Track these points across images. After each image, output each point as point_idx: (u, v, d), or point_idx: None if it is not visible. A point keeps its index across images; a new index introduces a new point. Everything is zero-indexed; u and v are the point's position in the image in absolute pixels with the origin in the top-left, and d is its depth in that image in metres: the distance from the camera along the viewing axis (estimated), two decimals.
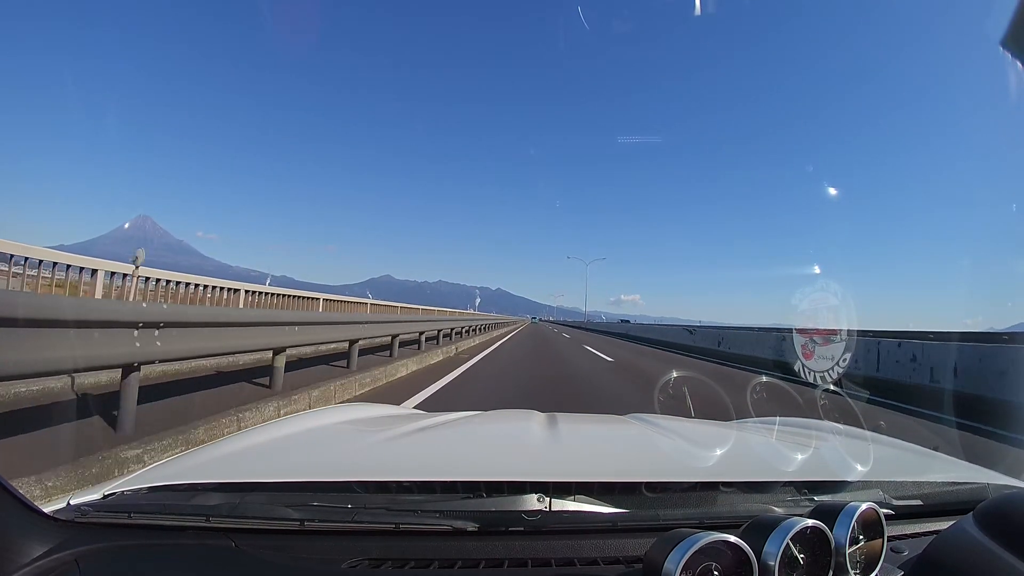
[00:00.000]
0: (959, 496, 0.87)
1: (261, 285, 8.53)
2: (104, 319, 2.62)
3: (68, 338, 2.36)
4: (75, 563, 0.60)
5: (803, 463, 0.90)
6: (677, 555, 0.52)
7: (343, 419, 1.22)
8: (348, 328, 6.11)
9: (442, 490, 0.74)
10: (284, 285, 12.73)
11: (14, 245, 4.48)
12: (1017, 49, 0.66)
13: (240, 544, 0.65)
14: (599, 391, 6.22)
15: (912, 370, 6.91)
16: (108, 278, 5.45)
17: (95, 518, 0.68)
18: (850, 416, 1.34)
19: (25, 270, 4.61)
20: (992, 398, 5.33)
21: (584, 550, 0.67)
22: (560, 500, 0.70)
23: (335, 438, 1.07)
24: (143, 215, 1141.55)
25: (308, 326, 5.07)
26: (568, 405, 4.82)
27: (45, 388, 3.56)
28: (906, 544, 0.74)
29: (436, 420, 1.20)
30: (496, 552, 0.66)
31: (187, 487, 0.74)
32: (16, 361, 2.12)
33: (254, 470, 0.83)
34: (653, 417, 1.32)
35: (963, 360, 6.08)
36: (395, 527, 0.67)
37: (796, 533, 0.57)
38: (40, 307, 2.29)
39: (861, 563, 0.63)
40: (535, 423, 1.17)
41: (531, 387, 6.26)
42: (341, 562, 0.63)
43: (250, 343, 4.08)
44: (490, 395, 5.58)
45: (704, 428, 1.30)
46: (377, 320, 7.55)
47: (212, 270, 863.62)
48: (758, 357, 10.71)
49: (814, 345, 2.32)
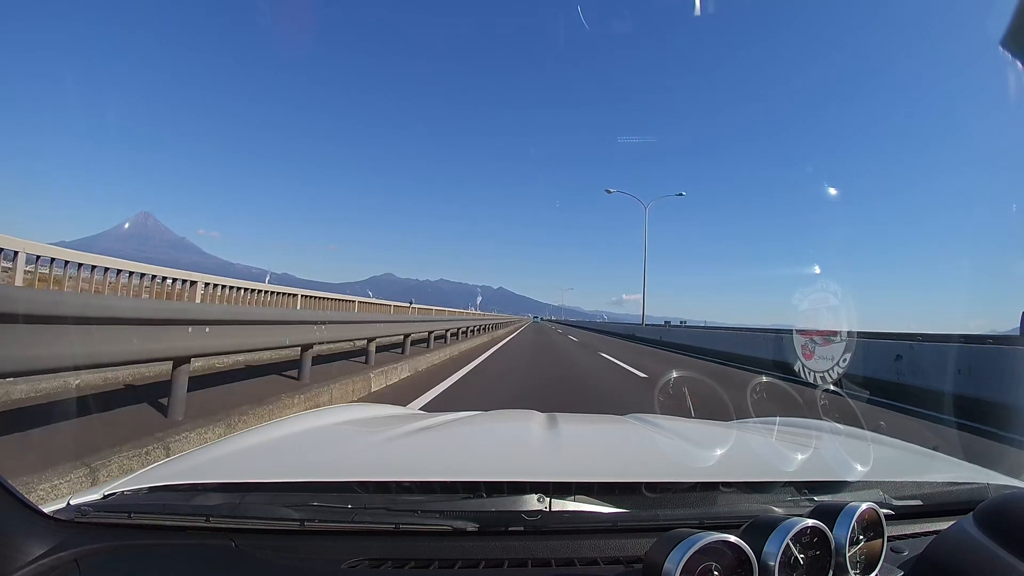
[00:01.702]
0: (959, 496, 0.87)
1: (297, 288, 9.37)
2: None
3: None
4: (75, 563, 0.60)
5: (803, 463, 0.90)
6: (677, 555, 0.52)
7: (343, 419, 1.22)
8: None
9: (442, 490, 0.74)
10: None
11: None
12: (1017, 49, 0.66)
13: (240, 544, 0.65)
14: None
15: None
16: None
17: (95, 518, 0.68)
18: (850, 416, 1.34)
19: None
20: (993, 400, 5.33)
21: (584, 550, 0.67)
22: (560, 500, 0.70)
23: (335, 438, 1.07)
24: (145, 212, 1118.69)
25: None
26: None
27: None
28: (906, 544, 0.74)
29: (436, 420, 1.20)
30: (496, 552, 0.66)
31: (187, 487, 0.74)
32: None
33: (254, 470, 0.83)
34: (653, 417, 1.32)
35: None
36: (395, 527, 0.67)
37: (796, 533, 0.57)
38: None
39: (861, 563, 0.63)
40: (535, 423, 1.17)
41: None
42: (341, 562, 0.63)
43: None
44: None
45: (704, 428, 1.30)
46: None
47: (213, 267, 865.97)
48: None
49: (830, 344, 2.29)
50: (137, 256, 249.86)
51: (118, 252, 28.22)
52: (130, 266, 5.56)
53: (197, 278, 6.65)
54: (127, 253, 37.64)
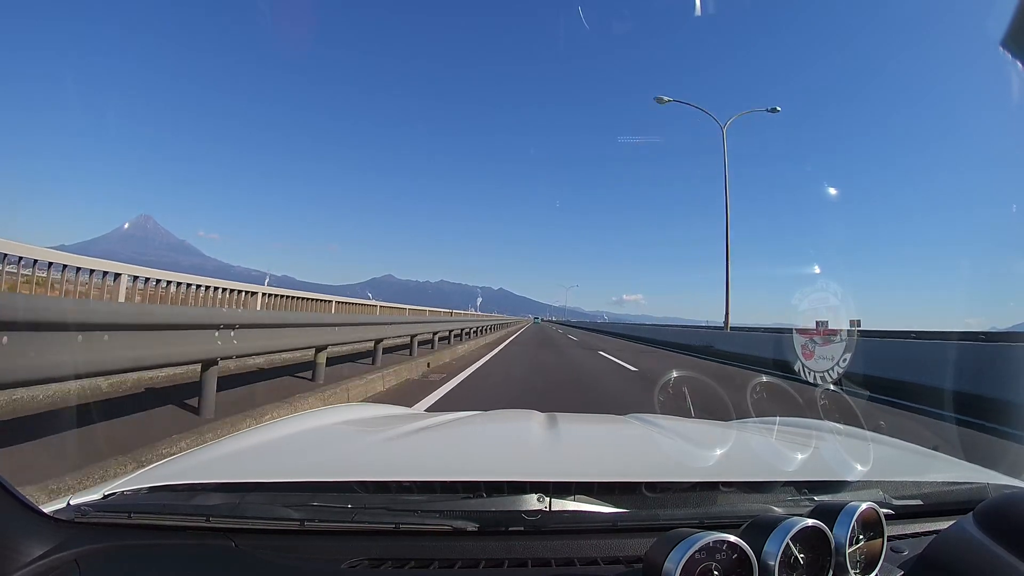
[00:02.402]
0: (959, 496, 0.87)
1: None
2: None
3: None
4: (75, 563, 0.60)
5: (803, 463, 0.90)
6: (677, 555, 0.52)
7: (343, 419, 1.22)
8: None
9: (442, 490, 0.74)
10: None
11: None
12: (1017, 49, 0.65)
13: (240, 544, 0.65)
14: None
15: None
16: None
17: (95, 518, 0.68)
18: (850, 416, 1.34)
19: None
20: (993, 397, 5.33)
21: (584, 550, 0.67)
22: (560, 500, 0.70)
23: (335, 438, 1.07)
24: (145, 214, 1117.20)
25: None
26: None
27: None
28: (906, 544, 0.74)
29: (436, 420, 1.20)
30: (496, 552, 0.66)
31: (187, 487, 0.74)
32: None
33: (254, 470, 0.83)
34: (653, 417, 1.32)
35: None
36: (395, 527, 0.67)
37: (796, 533, 0.57)
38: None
39: (861, 563, 0.63)
40: (535, 423, 1.17)
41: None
42: (341, 562, 0.63)
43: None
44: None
45: (704, 428, 1.30)
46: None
47: (213, 270, 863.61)
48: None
49: (830, 344, 2.28)
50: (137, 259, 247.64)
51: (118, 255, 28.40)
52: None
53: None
54: (127, 256, 37.80)
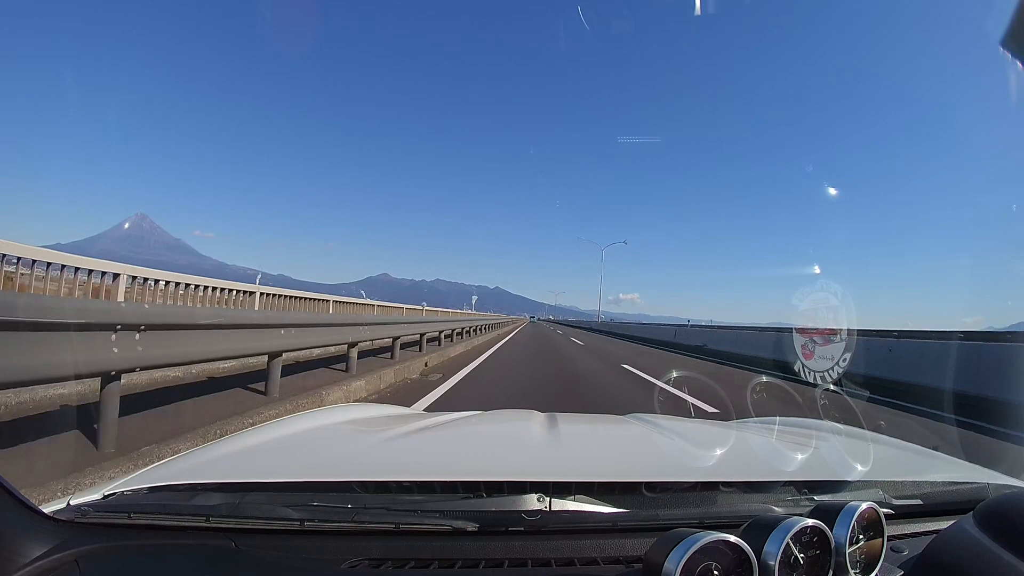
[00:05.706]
0: (959, 496, 0.87)
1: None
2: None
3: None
4: (75, 563, 0.60)
5: (803, 463, 0.90)
6: (677, 555, 0.52)
7: (343, 419, 1.22)
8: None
9: (442, 490, 0.73)
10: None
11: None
12: (1017, 49, 0.65)
13: (240, 544, 0.65)
14: None
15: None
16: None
17: (95, 518, 0.68)
18: (850, 415, 1.34)
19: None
20: (993, 397, 5.33)
21: (584, 550, 0.67)
22: (560, 500, 0.70)
23: (335, 438, 1.07)
24: (140, 214, 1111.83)
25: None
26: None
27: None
28: (906, 544, 0.74)
29: (436, 420, 1.19)
30: (496, 552, 0.66)
31: (187, 487, 0.74)
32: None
33: (254, 470, 0.83)
34: (653, 417, 1.32)
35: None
36: (395, 527, 0.67)
37: (796, 533, 0.57)
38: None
39: (861, 563, 0.63)
40: (535, 423, 1.17)
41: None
42: (341, 562, 0.63)
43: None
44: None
45: (704, 428, 1.30)
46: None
47: (209, 269, 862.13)
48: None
49: (830, 344, 2.26)
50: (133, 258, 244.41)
51: (114, 254, 28.25)
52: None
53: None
54: (123, 255, 37.59)
